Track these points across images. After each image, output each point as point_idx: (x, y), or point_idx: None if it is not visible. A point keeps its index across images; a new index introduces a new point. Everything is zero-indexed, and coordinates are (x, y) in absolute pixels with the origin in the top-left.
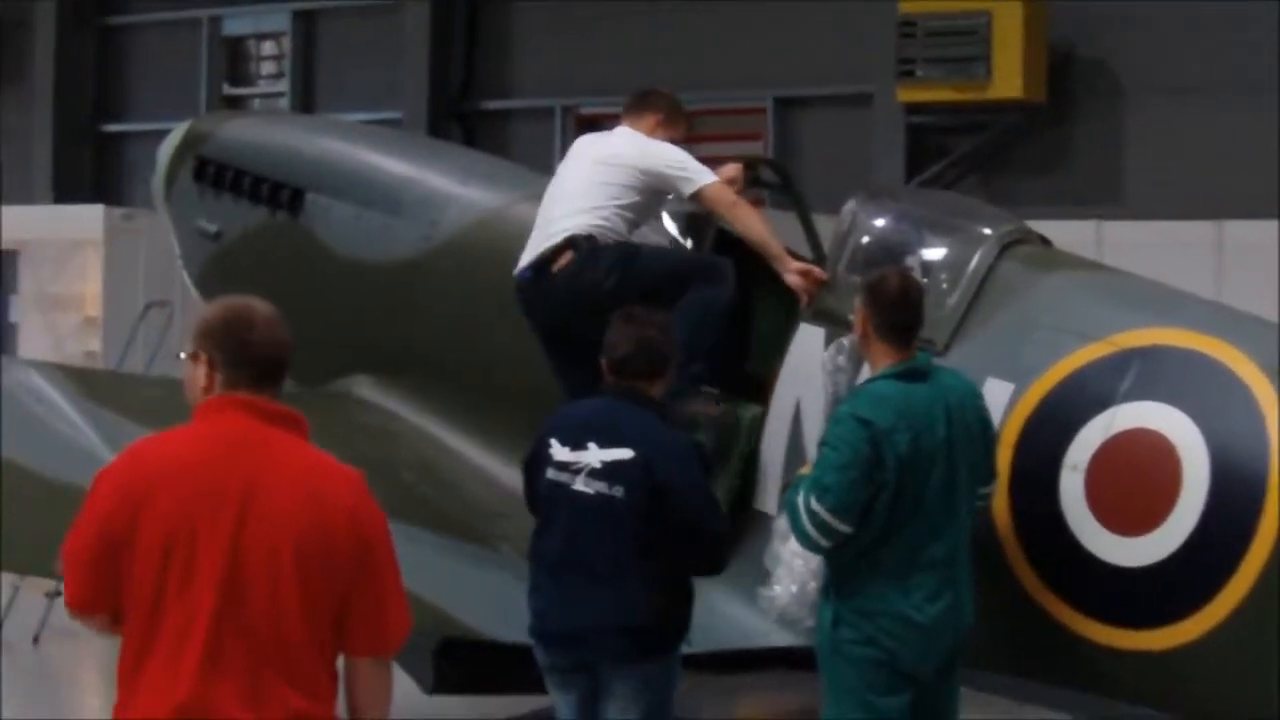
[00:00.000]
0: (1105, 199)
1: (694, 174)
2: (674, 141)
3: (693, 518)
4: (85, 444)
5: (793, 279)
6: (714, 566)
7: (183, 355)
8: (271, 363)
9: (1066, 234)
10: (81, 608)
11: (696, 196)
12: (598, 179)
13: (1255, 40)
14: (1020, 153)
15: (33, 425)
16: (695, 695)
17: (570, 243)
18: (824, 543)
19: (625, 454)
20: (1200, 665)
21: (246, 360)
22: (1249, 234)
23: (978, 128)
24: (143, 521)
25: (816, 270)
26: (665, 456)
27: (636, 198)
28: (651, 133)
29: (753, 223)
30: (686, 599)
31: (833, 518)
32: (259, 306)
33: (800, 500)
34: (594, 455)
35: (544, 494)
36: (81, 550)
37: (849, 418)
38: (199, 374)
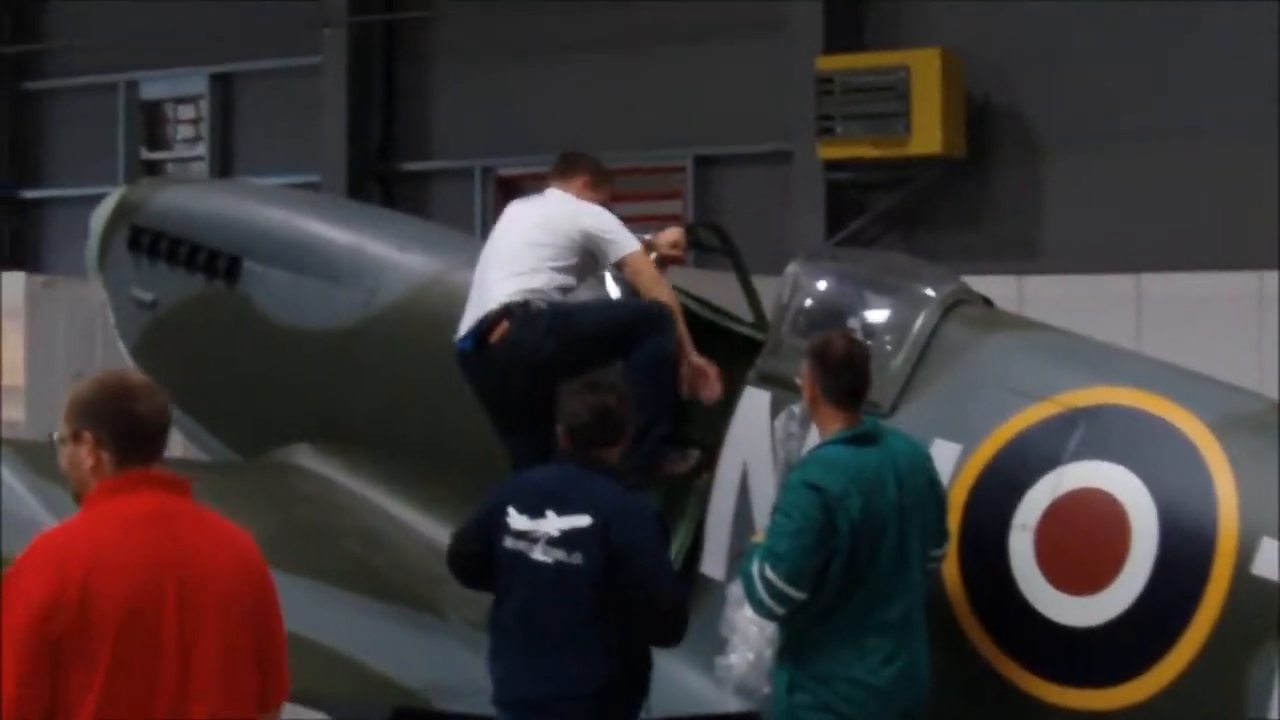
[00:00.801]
0: (1025, 253)
1: (622, 241)
2: (601, 203)
3: (649, 584)
4: (32, 517)
5: (688, 369)
6: (672, 636)
7: (56, 437)
8: (160, 432)
9: (987, 289)
10: (19, 711)
11: (621, 264)
12: (530, 240)
13: (1172, 91)
14: (941, 208)
15: None
16: None
17: (506, 311)
18: (779, 610)
19: (583, 521)
20: None
21: (135, 433)
22: (1168, 286)
23: (898, 183)
24: (93, 612)
25: (712, 375)
26: (623, 522)
27: (571, 259)
28: (580, 194)
29: (666, 296)
30: (646, 663)
31: (787, 585)
32: (135, 376)
33: (754, 569)
34: (552, 524)
35: (503, 563)
36: (21, 644)
37: (801, 484)
38: (82, 454)
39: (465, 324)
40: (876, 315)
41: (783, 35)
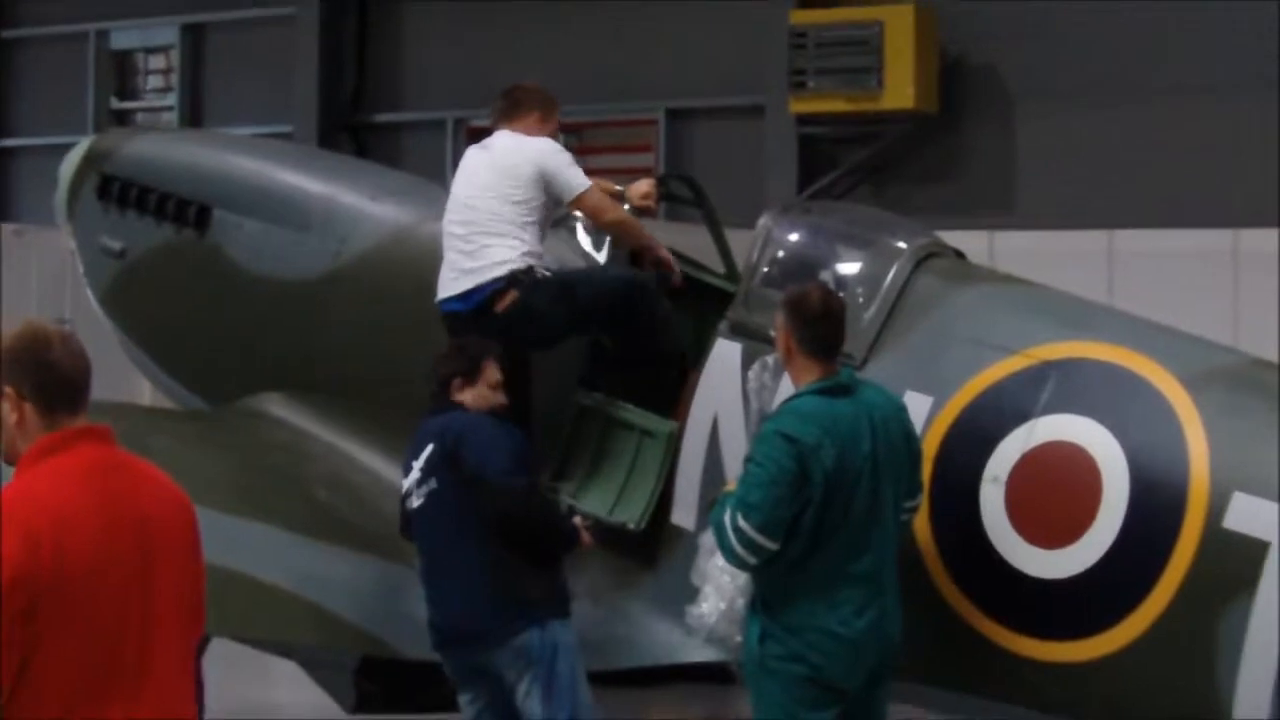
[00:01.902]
0: (997, 208)
1: (572, 181)
2: (552, 134)
3: (476, 468)
4: None
5: (664, 254)
6: (504, 510)
7: None
8: (82, 379)
9: (959, 244)
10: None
11: (576, 202)
12: (507, 197)
13: (1145, 46)
14: (913, 163)
15: None
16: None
17: (513, 279)
18: (751, 560)
19: (429, 449)
20: (1121, 677)
21: (57, 382)
22: (1140, 243)
23: (870, 138)
24: (66, 572)
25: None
26: (454, 429)
27: (543, 211)
28: (531, 132)
29: (626, 222)
30: (535, 565)
31: (759, 535)
32: (50, 326)
33: (726, 518)
34: (415, 470)
35: (412, 529)
36: None
37: (774, 434)
38: (5, 410)
39: (455, 285)
40: (848, 268)
41: None
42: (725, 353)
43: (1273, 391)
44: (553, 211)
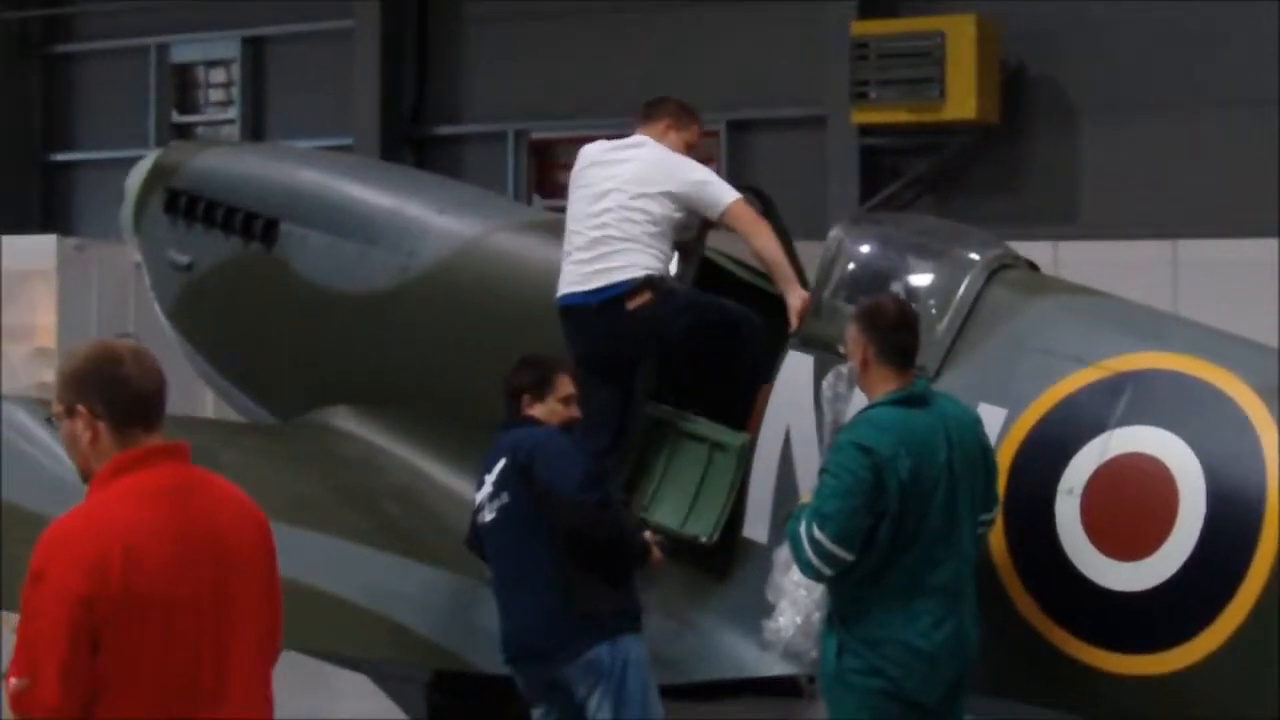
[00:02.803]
0: (1061, 219)
1: (721, 192)
2: (688, 143)
3: (547, 484)
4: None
5: (795, 302)
6: (577, 525)
7: (52, 416)
8: (155, 396)
9: (1023, 254)
10: (66, 708)
11: (724, 215)
12: (642, 207)
13: (1209, 56)
14: (975, 173)
15: (23, 464)
16: None
17: (648, 282)
18: (827, 571)
19: (501, 464)
20: (1201, 689)
21: (129, 400)
22: (1204, 253)
23: (932, 149)
24: (136, 597)
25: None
26: (526, 445)
27: (675, 226)
28: (663, 136)
29: (770, 243)
30: (607, 579)
31: (836, 546)
32: (122, 342)
33: (802, 529)
34: (487, 484)
35: (483, 544)
36: (64, 642)
37: (850, 445)
38: (79, 429)
39: (583, 281)
40: (920, 279)
41: (819, 0)
42: (798, 365)
43: None
44: (687, 224)
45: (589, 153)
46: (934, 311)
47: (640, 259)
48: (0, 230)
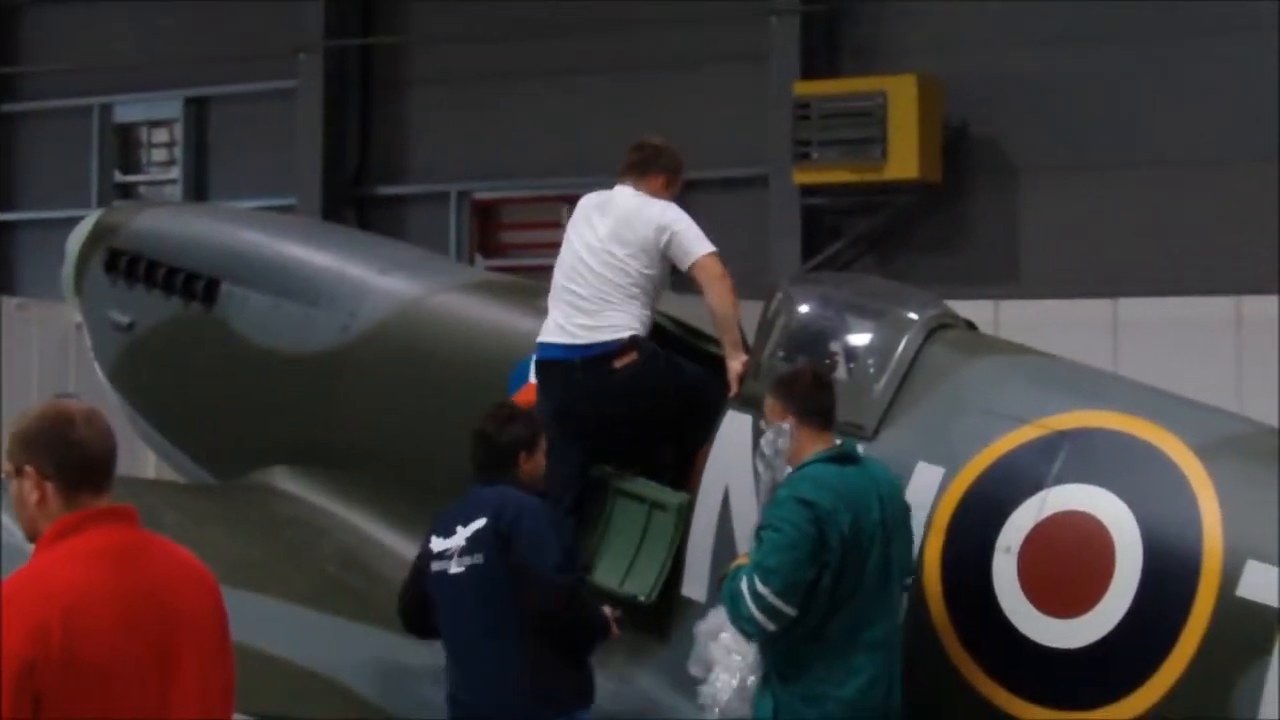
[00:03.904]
0: (1002, 278)
1: (697, 245)
2: (675, 199)
3: (524, 557)
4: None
5: (735, 366)
6: (551, 609)
7: (1, 474)
8: (106, 459)
9: (964, 313)
10: None
11: (692, 266)
12: (632, 265)
13: (1147, 116)
14: (917, 232)
15: None
16: None
17: (634, 343)
18: (770, 626)
19: (481, 522)
20: None
21: (79, 463)
22: (1144, 311)
23: (874, 208)
24: (77, 660)
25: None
26: (509, 511)
27: (655, 282)
28: (656, 194)
29: (727, 302)
30: (568, 657)
31: (779, 599)
32: (75, 404)
33: (743, 586)
34: (460, 536)
35: (433, 589)
36: (6, 703)
37: (791, 499)
38: (26, 489)
39: (567, 336)
40: (859, 339)
41: (760, 61)
42: (737, 425)
43: None
44: (669, 270)
45: (582, 204)
46: (872, 371)
47: (625, 318)
48: None
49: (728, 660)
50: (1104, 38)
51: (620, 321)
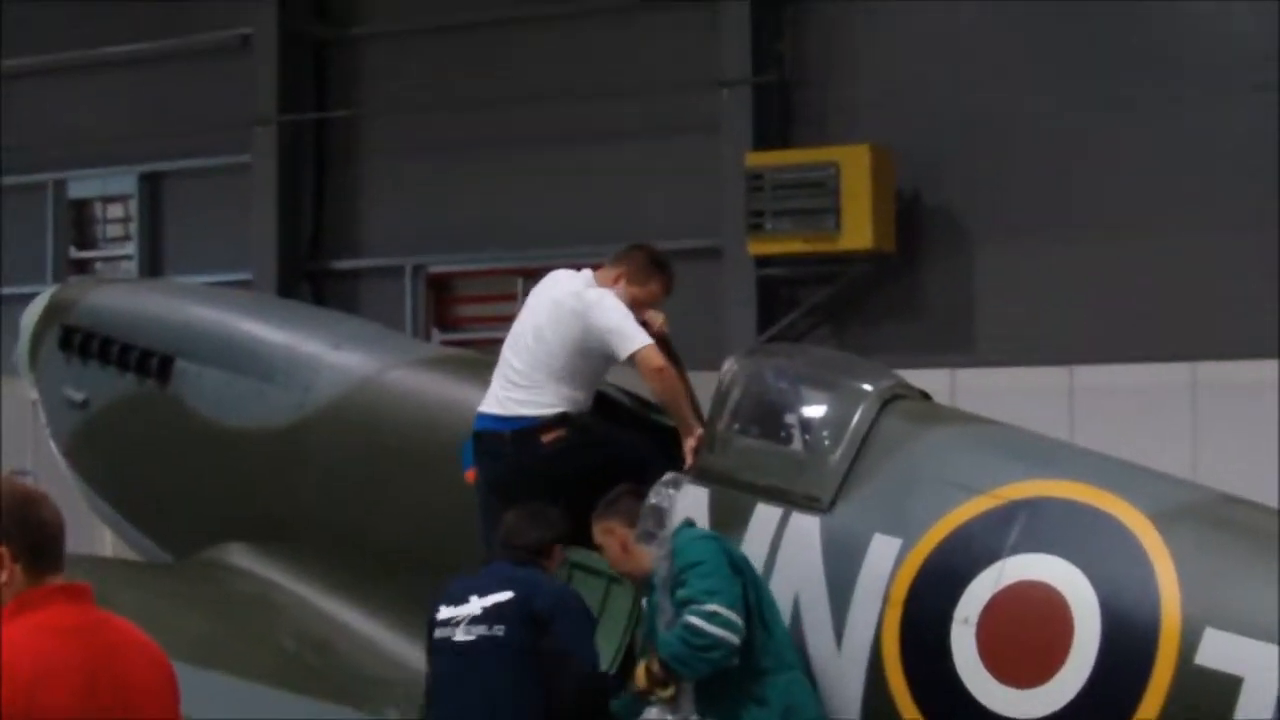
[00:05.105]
0: (957, 346)
1: (629, 339)
2: (637, 298)
3: (567, 644)
4: None
5: (690, 441)
6: (583, 701)
7: None
8: (62, 537)
9: (921, 382)
10: None
11: (631, 358)
12: (561, 352)
13: (1099, 183)
14: (872, 302)
15: None
16: None
17: (563, 418)
18: (735, 640)
19: (505, 596)
20: None
21: (44, 542)
22: (1100, 378)
23: (829, 278)
24: None
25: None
26: (546, 594)
27: (599, 364)
28: (612, 285)
29: (670, 390)
30: None
31: (731, 612)
32: (27, 485)
33: (695, 620)
34: (474, 605)
35: (432, 653)
36: None
37: (694, 540)
38: None
39: (502, 408)
40: (814, 410)
41: (711, 132)
42: (693, 498)
43: (1240, 528)
44: (607, 360)
45: (543, 281)
46: (828, 442)
47: (554, 397)
48: None
49: None
50: (1055, 106)
51: (549, 400)
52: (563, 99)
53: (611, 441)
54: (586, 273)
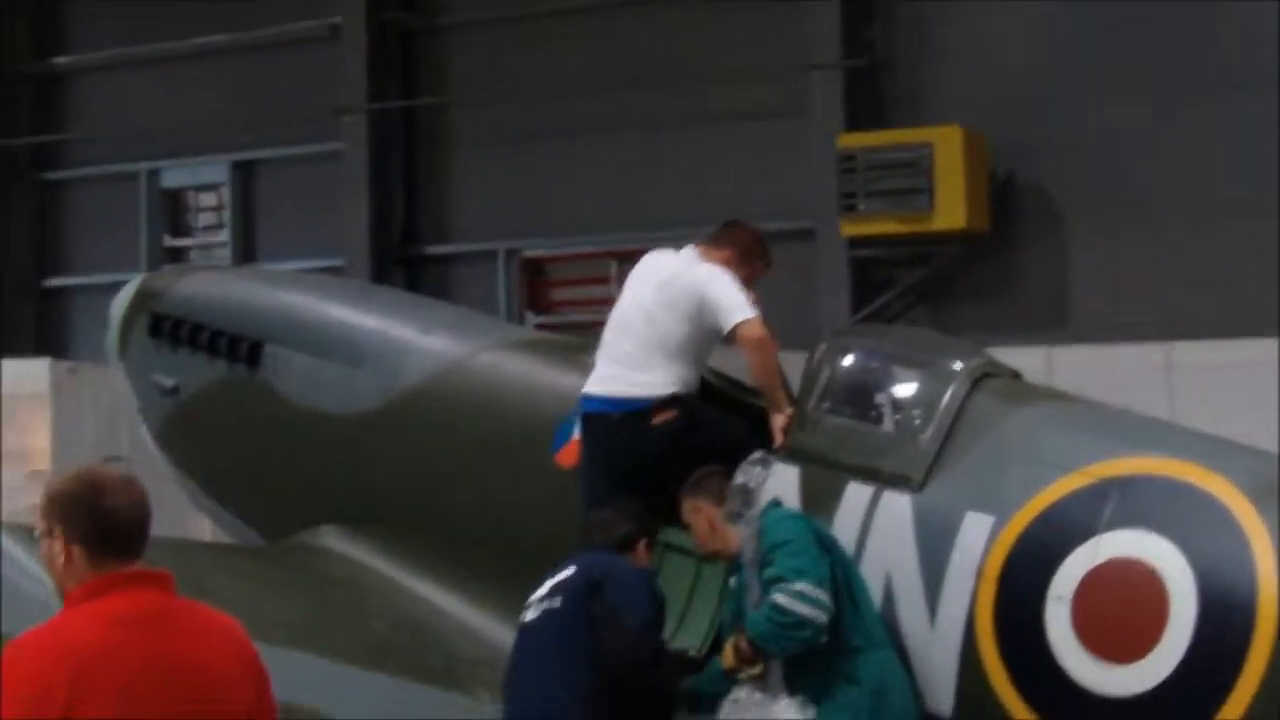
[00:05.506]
0: (1053, 325)
1: (735, 310)
2: (746, 279)
3: (615, 604)
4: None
5: (779, 420)
6: (633, 660)
7: (36, 532)
8: (134, 527)
9: (1017, 361)
10: None
11: (732, 333)
12: (675, 328)
13: (1195, 161)
14: (966, 282)
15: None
16: None
17: (674, 399)
18: (823, 618)
19: (569, 571)
20: None
21: (106, 531)
22: (1198, 355)
23: (923, 259)
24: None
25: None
26: (604, 566)
27: (709, 341)
28: (720, 263)
29: (767, 367)
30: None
31: (819, 589)
32: (110, 471)
33: (781, 599)
34: (544, 586)
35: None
36: None
37: (780, 518)
38: (55, 550)
39: (613, 388)
40: (905, 389)
41: (803, 115)
42: (784, 477)
43: None
44: (715, 335)
45: (643, 261)
46: (918, 422)
47: (667, 376)
48: None
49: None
50: (1149, 86)
51: (661, 379)
52: (655, 83)
53: (717, 424)
54: (690, 249)
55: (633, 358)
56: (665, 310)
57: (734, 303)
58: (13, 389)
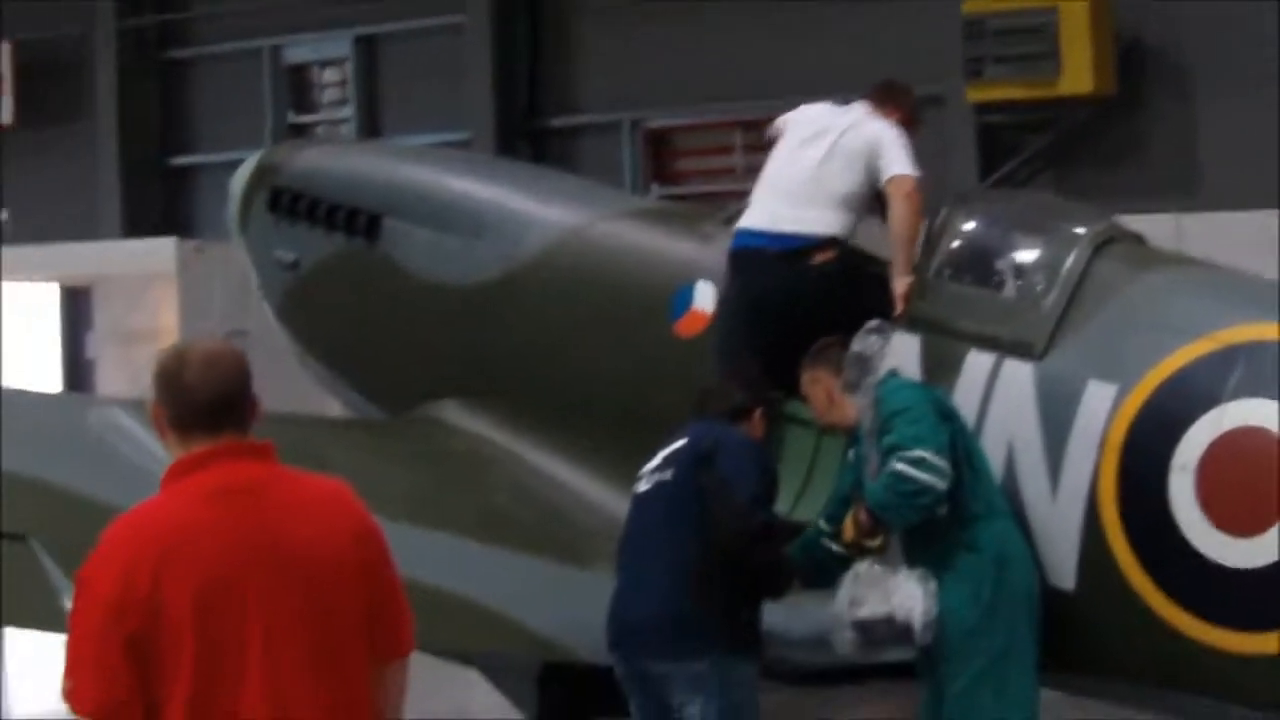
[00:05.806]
0: (1182, 191)
1: (905, 161)
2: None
3: (725, 475)
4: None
5: (900, 287)
6: (742, 531)
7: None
8: (218, 402)
9: (1145, 228)
10: (110, 710)
11: (889, 181)
12: (841, 175)
13: None
14: (1093, 147)
15: (122, 467)
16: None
17: (833, 242)
18: (941, 486)
19: (681, 443)
20: None
21: (189, 405)
22: None
23: (1049, 124)
24: (167, 607)
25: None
26: (714, 438)
27: (866, 196)
28: (888, 118)
29: (909, 223)
30: (737, 593)
31: (939, 457)
32: (202, 345)
33: (900, 466)
34: (658, 458)
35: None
36: (97, 645)
37: (897, 386)
38: (159, 427)
39: (772, 223)
40: (1026, 255)
41: None
42: (904, 346)
43: None
44: (874, 185)
45: (805, 109)
46: (1040, 288)
47: (830, 218)
48: (122, 234)
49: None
50: None
51: (826, 219)
52: None
53: (870, 278)
54: (861, 104)
55: (795, 197)
56: (837, 157)
57: (901, 156)
58: (140, 268)
